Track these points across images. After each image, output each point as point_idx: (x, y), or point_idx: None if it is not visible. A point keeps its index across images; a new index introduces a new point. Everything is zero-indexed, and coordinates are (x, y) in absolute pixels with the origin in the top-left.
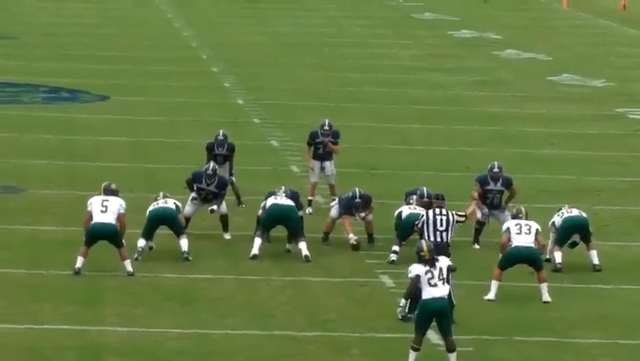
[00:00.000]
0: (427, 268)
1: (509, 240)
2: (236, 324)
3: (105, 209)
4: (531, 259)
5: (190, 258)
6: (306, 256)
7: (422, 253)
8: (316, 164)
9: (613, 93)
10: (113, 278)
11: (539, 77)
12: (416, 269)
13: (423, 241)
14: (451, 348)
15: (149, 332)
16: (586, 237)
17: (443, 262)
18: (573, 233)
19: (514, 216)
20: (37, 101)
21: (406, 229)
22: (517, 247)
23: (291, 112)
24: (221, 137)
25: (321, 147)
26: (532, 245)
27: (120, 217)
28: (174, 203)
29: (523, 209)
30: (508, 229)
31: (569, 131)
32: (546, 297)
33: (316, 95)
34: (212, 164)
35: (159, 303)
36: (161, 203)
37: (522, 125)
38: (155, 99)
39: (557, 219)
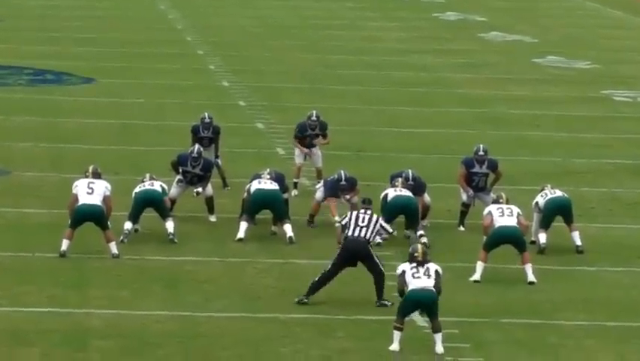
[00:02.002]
0: (414, 265)
1: (492, 222)
2: (222, 307)
3: (91, 191)
4: (515, 238)
5: (176, 240)
6: (290, 238)
7: (416, 255)
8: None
9: (598, 75)
10: (99, 261)
11: (524, 59)
12: (403, 266)
13: (418, 245)
14: (436, 329)
15: (134, 315)
16: (569, 218)
17: (432, 266)
18: (557, 214)
19: (495, 201)
20: (22, 83)
21: (392, 211)
22: (501, 227)
23: (277, 94)
24: (206, 119)
25: (308, 138)
26: (516, 225)
27: (106, 199)
28: (160, 185)
29: (504, 195)
30: (489, 213)
31: (554, 113)
32: (531, 277)
33: (303, 77)
34: (197, 146)
35: (145, 285)
36: (147, 185)
37: (507, 107)
38: (140, 81)
39: (541, 200)
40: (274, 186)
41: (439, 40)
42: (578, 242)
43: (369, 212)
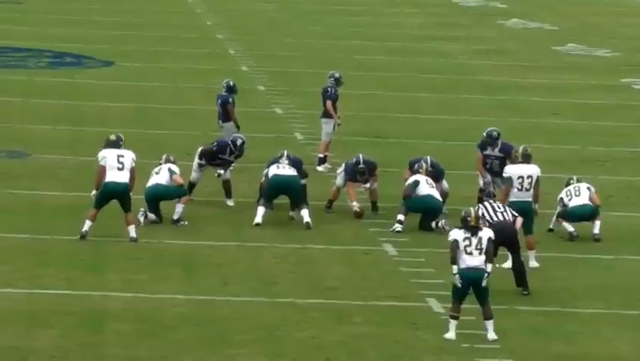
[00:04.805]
0: (467, 235)
1: (508, 194)
2: (239, 291)
3: (122, 166)
4: (525, 213)
5: (180, 224)
6: (307, 223)
7: (469, 219)
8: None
9: (618, 63)
10: (117, 244)
11: (544, 46)
12: (455, 234)
13: (471, 208)
14: (487, 316)
15: (151, 298)
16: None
17: (486, 232)
18: (581, 221)
19: (525, 155)
20: (42, 66)
21: (416, 208)
22: (513, 203)
23: (296, 79)
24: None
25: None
26: (530, 200)
27: (132, 171)
28: (168, 169)
29: (520, 149)
30: (510, 179)
31: (573, 101)
32: (533, 263)
33: (322, 62)
34: (240, 139)
35: (162, 269)
36: (153, 177)
37: (527, 94)
38: (159, 65)
39: (566, 200)
40: (292, 171)
41: (459, 27)
42: (596, 230)
43: (496, 201)
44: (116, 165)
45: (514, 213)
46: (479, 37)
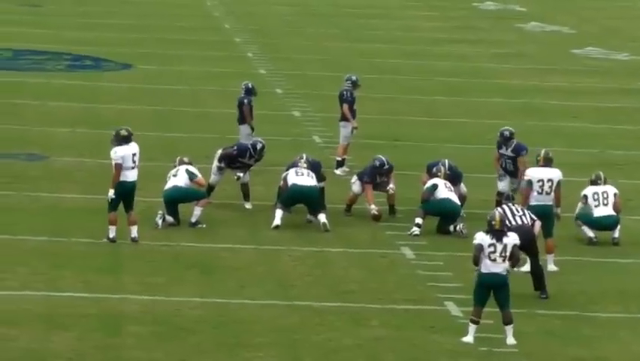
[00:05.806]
0: (493, 241)
1: (528, 197)
2: (256, 294)
3: (134, 164)
4: (545, 216)
5: (199, 226)
6: (324, 224)
7: (493, 223)
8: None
9: (637, 67)
10: (134, 246)
11: (563, 49)
12: (481, 238)
13: (497, 211)
14: (507, 321)
15: (169, 301)
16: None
17: (511, 238)
18: (604, 230)
19: (547, 159)
20: (61, 69)
21: (436, 212)
22: (533, 206)
23: (314, 82)
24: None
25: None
26: (550, 203)
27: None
28: (186, 170)
29: (550, 152)
30: (530, 182)
31: (592, 105)
32: (551, 267)
33: (340, 65)
34: (259, 143)
35: (179, 272)
36: (171, 180)
37: (545, 97)
38: (178, 68)
39: (591, 202)
40: (311, 181)
41: (477, 30)
42: (615, 234)
43: (515, 204)
44: (131, 164)
45: (532, 216)
46: (498, 41)
